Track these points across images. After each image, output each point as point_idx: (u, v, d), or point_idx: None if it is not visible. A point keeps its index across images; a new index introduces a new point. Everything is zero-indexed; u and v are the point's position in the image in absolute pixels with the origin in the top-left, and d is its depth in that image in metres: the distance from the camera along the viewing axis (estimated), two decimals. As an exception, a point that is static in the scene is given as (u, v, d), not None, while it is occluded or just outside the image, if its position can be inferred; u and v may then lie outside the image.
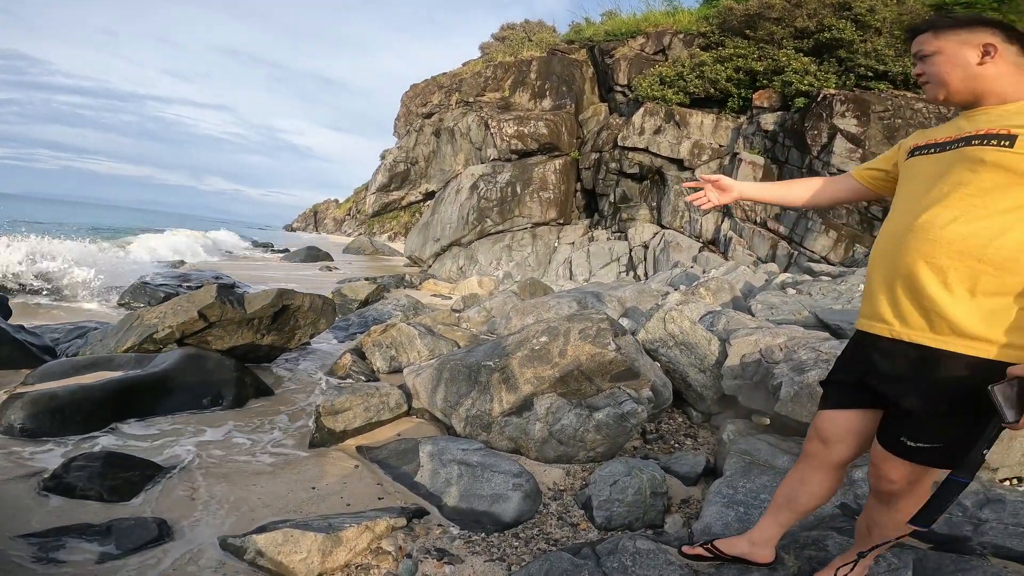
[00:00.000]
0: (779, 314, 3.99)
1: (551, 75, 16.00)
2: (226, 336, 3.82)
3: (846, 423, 1.35)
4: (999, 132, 1.17)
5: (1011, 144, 1.14)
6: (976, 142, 1.19)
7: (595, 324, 2.65)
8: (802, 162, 10.72)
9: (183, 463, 2.65)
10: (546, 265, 12.93)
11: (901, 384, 1.20)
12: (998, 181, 1.13)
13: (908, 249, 1.19)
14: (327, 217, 36.69)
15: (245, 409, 3.46)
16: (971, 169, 1.17)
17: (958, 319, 1.12)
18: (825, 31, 11.74)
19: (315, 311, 4.13)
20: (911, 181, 1.32)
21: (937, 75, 1.29)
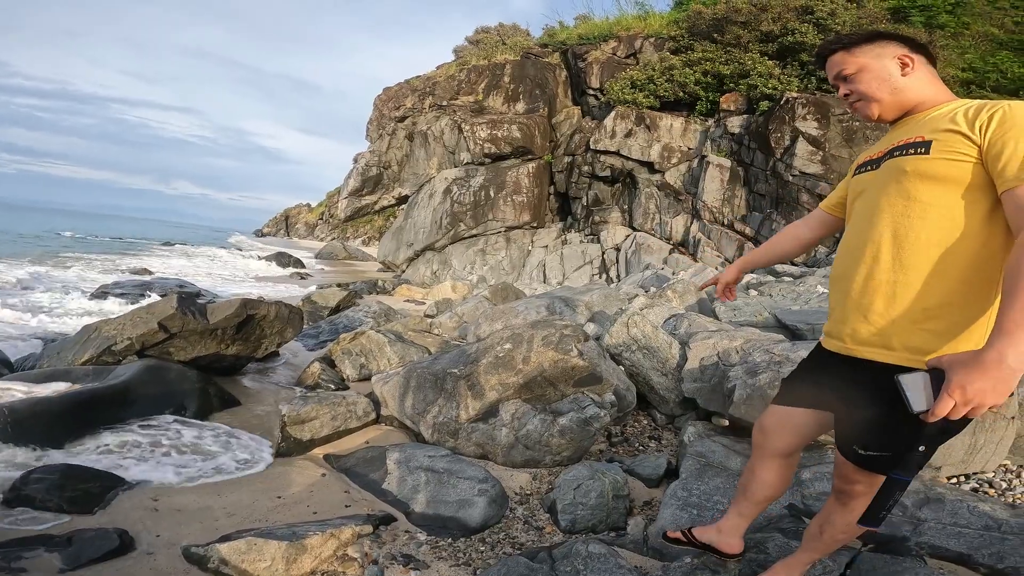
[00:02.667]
0: (741, 315, 4.11)
1: (525, 78, 16.08)
2: (189, 347, 3.75)
3: (786, 418, 1.42)
4: (916, 140, 1.19)
5: (927, 150, 1.15)
6: (898, 153, 1.22)
7: (558, 331, 2.70)
8: (766, 164, 10.99)
9: (145, 474, 2.61)
10: (520, 268, 12.98)
11: (850, 396, 1.23)
12: (925, 189, 1.14)
13: (857, 270, 1.21)
14: (299, 222, 36.08)
15: (209, 419, 3.42)
16: (897, 180, 1.19)
17: (902, 335, 1.13)
18: (789, 35, 12.07)
19: (281, 320, 4.08)
20: (856, 200, 1.34)
21: (867, 92, 1.30)
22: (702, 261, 10.85)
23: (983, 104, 1.14)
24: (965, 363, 0.91)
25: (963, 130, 1.11)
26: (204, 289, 8.78)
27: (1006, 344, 0.89)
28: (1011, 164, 1.03)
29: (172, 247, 22.01)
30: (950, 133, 1.13)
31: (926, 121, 1.22)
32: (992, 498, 1.99)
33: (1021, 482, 2.26)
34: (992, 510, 1.77)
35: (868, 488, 1.26)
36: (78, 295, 7.26)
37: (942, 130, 1.15)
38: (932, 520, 1.74)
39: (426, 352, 4.25)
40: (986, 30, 13.56)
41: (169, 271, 11.70)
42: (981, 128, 1.09)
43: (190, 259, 16.93)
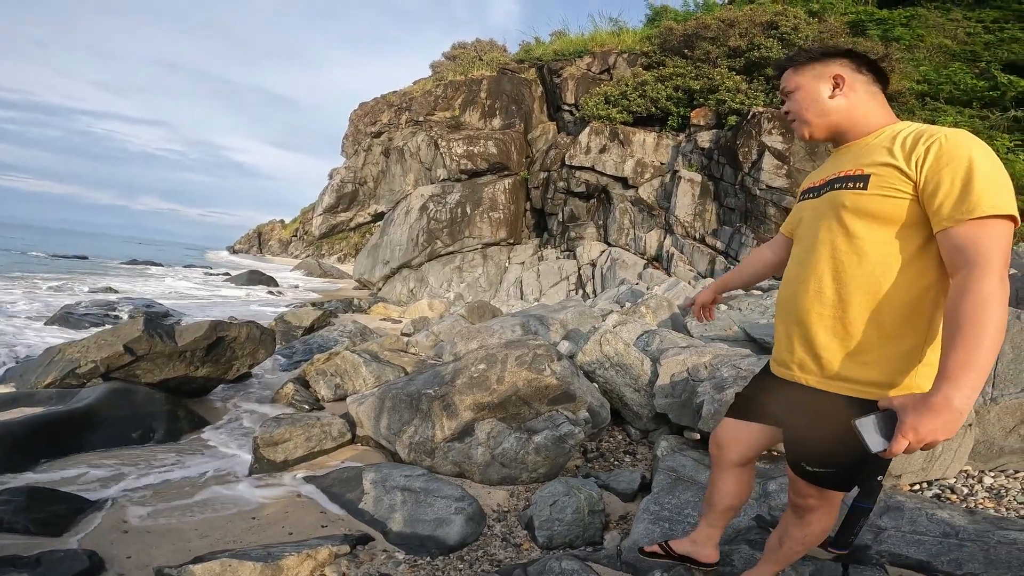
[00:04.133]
0: (712, 329, 4.22)
1: (501, 94, 16.22)
2: (156, 369, 3.67)
3: (737, 431, 1.49)
4: (854, 172, 1.18)
5: (864, 186, 1.15)
6: (838, 185, 1.21)
7: (531, 351, 2.74)
8: (735, 179, 11.27)
9: (114, 497, 2.58)
10: (497, 285, 13.00)
11: (795, 418, 1.29)
12: (863, 227, 1.14)
13: (799, 302, 1.24)
14: (272, 239, 35.55)
15: (180, 442, 3.38)
16: (836, 216, 1.19)
17: (843, 367, 1.17)
18: (755, 50, 12.41)
19: (253, 341, 4.03)
20: (799, 226, 1.35)
21: (797, 112, 1.32)
22: (675, 275, 11.06)
23: (920, 133, 1.12)
24: (915, 407, 0.95)
25: (899, 164, 1.11)
26: (172, 309, 8.56)
27: (951, 388, 0.92)
28: (946, 203, 1.03)
29: (139, 266, 21.38)
30: (887, 168, 1.13)
31: (864, 150, 1.21)
32: (951, 504, 2.07)
33: (983, 487, 2.33)
34: (950, 517, 1.84)
35: (821, 502, 1.31)
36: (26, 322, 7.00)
37: (879, 163, 1.14)
38: (892, 528, 1.78)
39: (402, 372, 4.24)
40: (940, 42, 14.05)
41: (136, 291, 11.38)
42: (917, 162, 1.08)
43: (158, 278, 16.47)
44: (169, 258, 31.80)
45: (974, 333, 0.93)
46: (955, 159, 1.04)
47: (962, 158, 1.03)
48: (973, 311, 0.94)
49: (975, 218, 1.00)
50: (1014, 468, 2.42)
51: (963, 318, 0.95)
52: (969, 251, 0.99)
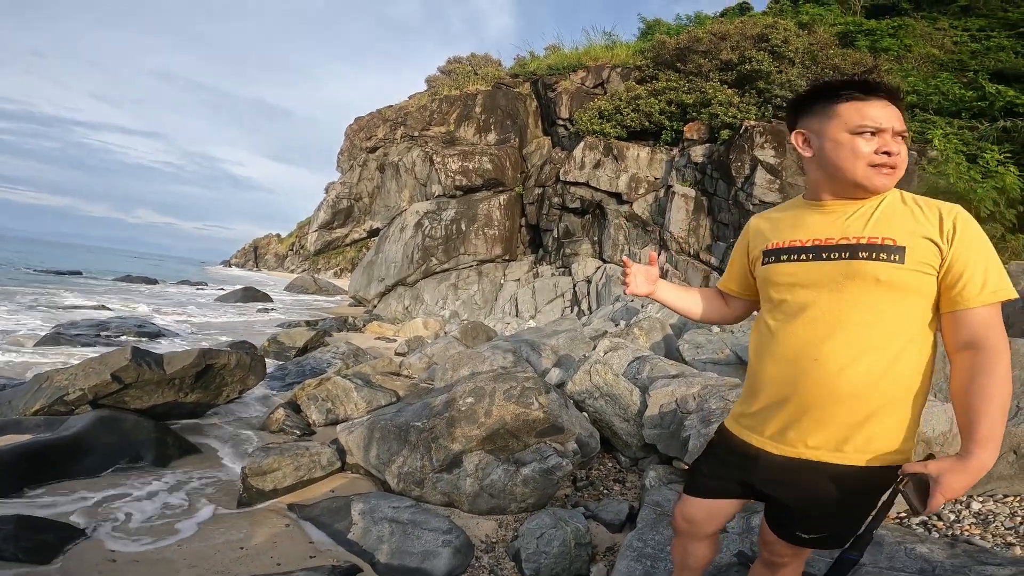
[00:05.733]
0: (704, 353, 4.25)
1: (496, 109, 16.26)
2: (145, 395, 3.67)
3: (710, 508, 1.41)
4: (886, 243, 1.10)
5: (901, 259, 1.09)
6: (864, 254, 1.12)
7: (519, 384, 2.76)
8: (728, 193, 11.27)
9: (101, 525, 2.58)
10: (492, 303, 13.00)
11: (788, 489, 1.22)
12: (892, 299, 1.10)
13: (804, 388, 1.15)
14: (268, 252, 35.59)
15: (168, 468, 3.38)
16: (864, 290, 1.11)
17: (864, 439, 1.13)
18: (746, 63, 12.39)
19: (243, 368, 4.03)
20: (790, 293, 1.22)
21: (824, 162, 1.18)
22: (670, 292, 11.10)
23: (933, 205, 1.12)
24: (954, 470, 1.03)
25: (935, 239, 1.09)
26: (165, 328, 8.53)
27: (984, 452, 1.02)
28: (971, 285, 1.06)
29: (133, 283, 21.29)
30: (925, 241, 1.09)
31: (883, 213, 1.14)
32: (932, 538, 2.06)
33: (970, 512, 2.32)
34: (929, 551, 1.85)
35: (795, 558, 1.33)
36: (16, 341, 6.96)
37: (915, 234, 1.10)
38: (869, 564, 1.76)
39: (394, 396, 4.24)
40: (927, 52, 14.10)
41: (128, 309, 11.34)
42: (948, 238, 1.08)
43: (151, 295, 16.41)
44: (164, 273, 31.72)
45: (997, 406, 1.03)
46: (976, 240, 1.08)
47: (981, 240, 1.09)
48: (998, 389, 1.03)
49: (991, 303, 1.07)
50: (1003, 492, 2.42)
51: (989, 395, 1.03)
52: (987, 332, 1.06)
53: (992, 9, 16.16)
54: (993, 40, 14.24)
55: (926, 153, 9.40)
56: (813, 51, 12.68)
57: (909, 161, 9.59)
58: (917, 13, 17.06)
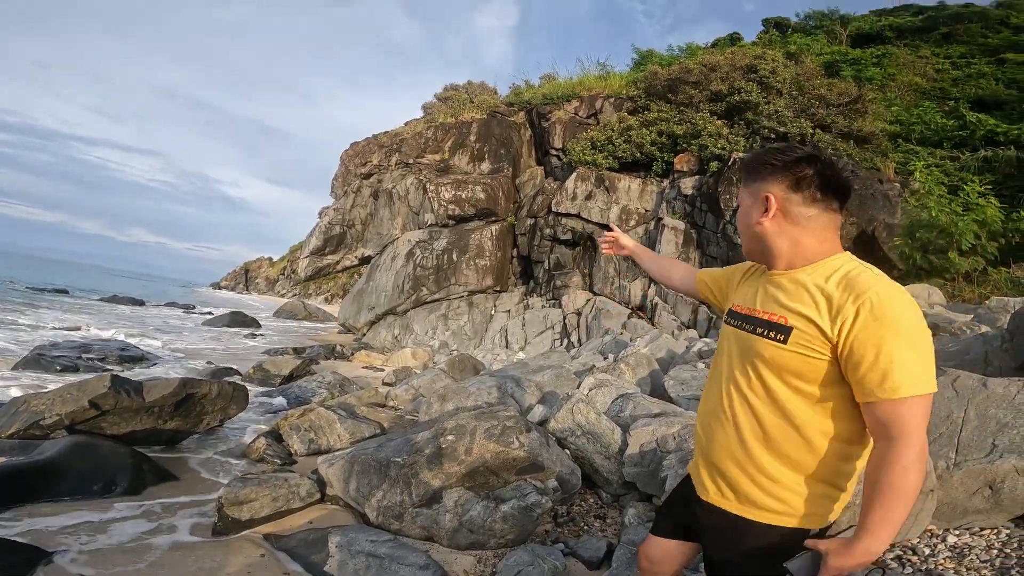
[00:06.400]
0: (688, 389, 4.26)
1: (490, 137, 16.38)
2: (122, 422, 3.63)
3: (668, 549, 1.48)
4: (777, 321, 1.15)
5: (785, 340, 1.12)
6: (760, 331, 1.18)
7: (500, 423, 2.79)
8: (717, 226, 11.33)
9: (71, 550, 2.56)
10: (483, 333, 12.97)
11: (714, 538, 1.30)
12: (775, 377, 1.15)
13: (715, 438, 1.25)
14: (259, 276, 35.44)
15: (142, 495, 3.35)
16: (752, 364, 1.18)
17: (756, 496, 1.19)
18: (735, 93, 12.53)
19: (225, 397, 4.00)
20: (721, 348, 1.32)
21: (739, 228, 1.27)
22: (659, 325, 11.14)
23: (850, 284, 1.08)
24: (840, 551, 1.07)
25: (822, 324, 1.08)
26: (148, 352, 8.42)
27: (871, 539, 1.04)
28: (869, 378, 1.03)
29: (119, 304, 21.05)
30: (810, 324, 1.10)
31: (793, 289, 1.16)
32: (906, 573, 2.06)
33: (946, 546, 2.31)
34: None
35: None
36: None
37: (803, 315, 1.11)
38: None
39: (379, 428, 4.21)
40: (910, 80, 14.36)
41: (112, 332, 11.19)
42: (843, 325, 1.06)
43: (137, 317, 16.22)
44: (152, 294, 31.42)
45: (893, 497, 1.02)
46: (880, 330, 1.02)
47: (887, 331, 1.01)
48: (894, 479, 1.02)
49: (896, 399, 1.01)
50: (979, 526, 2.43)
51: (885, 484, 1.02)
52: (892, 427, 1.03)
53: (972, 36, 16.60)
54: (974, 67, 14.58)
55: (909, 185, 9.47)
56: (800, 81, 12.80)
57: (893, 193, 9.54)
58: (900, 41, 17.52)
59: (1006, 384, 2.41)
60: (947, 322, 3.77)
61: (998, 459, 2.22)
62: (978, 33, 16.67)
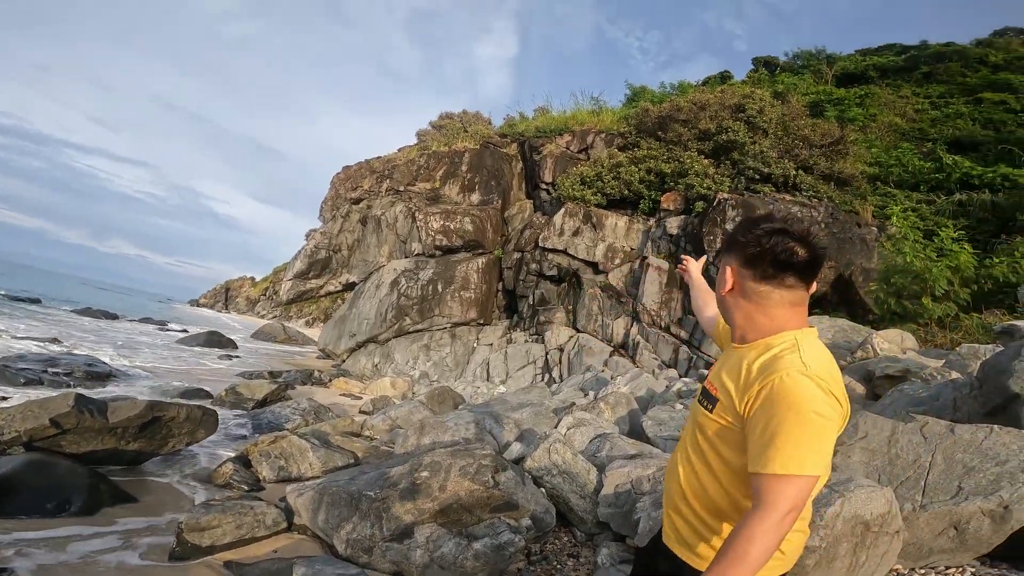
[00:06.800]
0: (666, 430, 4.25)
1: (482, 168, 16.39)
2: (83, 442, 3.52)
3: None
4: (712, 391, 1.27)
5: (711, 409, 1.25)
6: (701, 399, 1.32)
7: (476, 461, 2.77)
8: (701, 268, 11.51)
9: (19, 568, 2.48)
10: (464, 365, 12.84)
11: None
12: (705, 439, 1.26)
13: (669, 488, 1.39)
14: (240, 295, 34.87)
15: (98, 516, 3.26)
16: (693, 424, 1.33)
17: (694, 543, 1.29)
18: (723, 133, 12.60)
19: (193, 421, 3.90)
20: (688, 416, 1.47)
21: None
22: (640, 364, 11.15)
23: (765, 368, 1.15)
24: None
25: (735, 399, 1.19)
26: (116, 369, 8.17)
27: None
28: (753, 450, 1.12)
29: (93, 317, 20.47)
30: (729, 398, 1.21)
31: (734, 364, 1.25)
32: None
33: None
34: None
35: None
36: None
37: (726, 390, 1.22)
38: None
39: (352, 458, 4.12)
40: (891, 120, 14.60)
41: (82, 345, 10.87)
42: (748, 402, 1.15)
43: (109, 332, 15.78)
44: (127, 307, 30.62)
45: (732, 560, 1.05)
46: (772, 410, 1.09)
47: (780, 413, 1.08)
48: (738, 545, 1.06)
49: (767, 474, 1.07)
50: (944, 565, 2.44)
51: (729, 546, 1.07)
52: (757, 496, 1.09)
53: (952, 75, 17.05)
54: (952, 107, 14.96)
55: (886, 229, 9.58)
56: (785, 121, 12.96)
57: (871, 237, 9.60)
58: (883, 81, 17.91)
59: (973, 430, 2.48)
60: (919, 367, 3.85)
61: (964, 501, 2.28)
62: (957, 72, 17.08)
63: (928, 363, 4.04)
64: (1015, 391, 2.64)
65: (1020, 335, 4.16)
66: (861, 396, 3.92)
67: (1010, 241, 7.69)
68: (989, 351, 4.01)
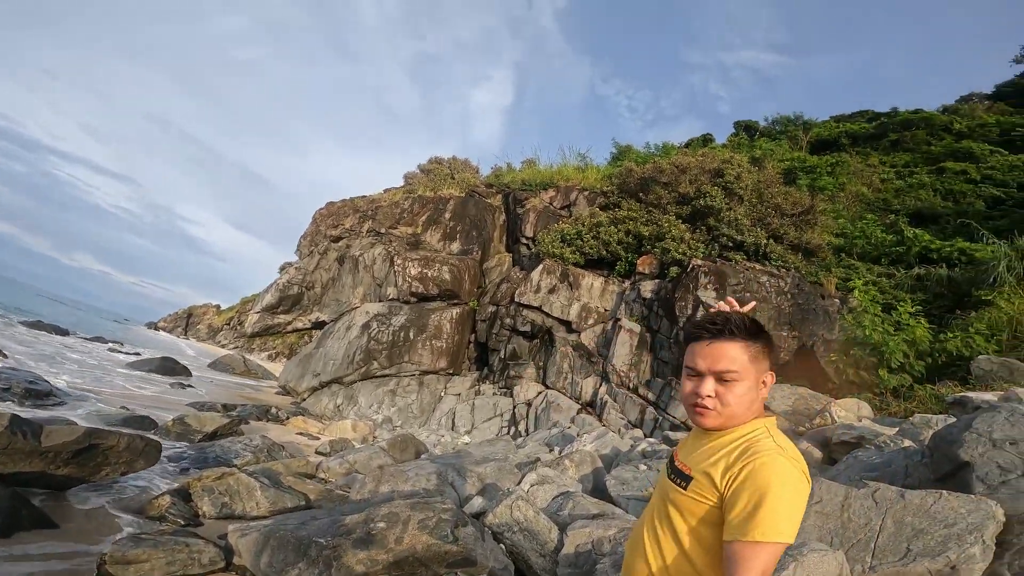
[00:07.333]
0: (629, 490, 4.17)
1: (465, 217, 16.39)
2: (9, 462, 3.26)
3: None
4: (685, 471, 1.33)
5: (685, 486, 1.30)
6: (672, 477, 1.37)
7: (436, 514, 2.68)
8: (671, 332, 11.37)
9: None
10: (430, 413, 12.50)
11: None
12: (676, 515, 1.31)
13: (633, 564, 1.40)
14: (202, 322, 33.70)
15: (11, 540, 2.99)
16: (664, 503, 1.37)
17: None
18: (701, 197, 12.73)
19: (133, 452, 3.68)
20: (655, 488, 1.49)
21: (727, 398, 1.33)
22: (607, 423, 11.03)
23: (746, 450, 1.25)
24: None
25: (715, 479, 1.25)
26: (58, 388, 7.67)
27: None
28: (734, 521, 1.18)
29: (42, 331, 19.37)
30: (705, 476, 1.27)
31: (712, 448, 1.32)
32: None
33: None
34: None
35: None
36: None
37: (703, 471, 1.29)
38: None
39: (304, 500, 3.89)
40: (858, 190, 14.97)
41: (26, 360, 10.24)
42: (730, 480, 1.23)
43: (57, 348, 14.93)
44: (82, 324, 29.12)
45: None
46: (756, 485, 1.18)
47: (762, 486, 1.17)
48: None
49: (748, 541, 1.14)
50: None
51: None
52: (735, 562, 1.15)
53: (918, 143, 17.70)
54: (916, 177, 15.43)
55: (848, 302, 9.82)
56: (760, 188, 13.25)
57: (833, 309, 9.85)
58: (854, 148, 18.57)
59: (923, 495, 2.57)
60: (873, 435, 3.96)
61: (912, 562, 2.33)
62: (923, 140, 17.74)
63: (883, 431, 4.17)
64: (965, 459, 2.79)
65: (972, 406, 4.32)
66: (818, 461, 4.01)
67: (964, 316, 7.95)
68: (941, 421, 4.16)
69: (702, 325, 1.34)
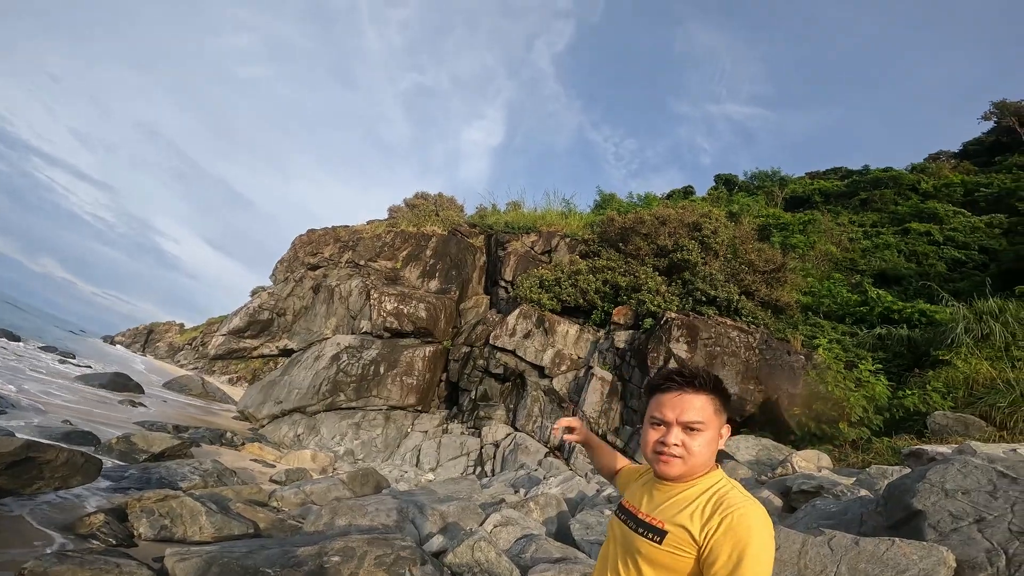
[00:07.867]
0: (593, 534, 4.09)
1: (446, 256, 16.28)
2: None
3: None
4: (656, 524, 1.34)
5: (660, 541, 1.31)
6: (641, 531, 1.37)
7: (395, 551, 2.58)
8: (641, 381, 11.35)
9: None
10: (394, 449, 12.10)
11: None
12: (648, 570, 1.32)
13: None
14: (163, 340, 32.39)
15: None
16: (632, 557, 1.36)
17: None
18: (678, 251, 13.00)
19: (71, 467, 3.49)
20: (610, 536, 1.50)
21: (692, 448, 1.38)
22: (574, 468, 10.82)
23: (719, 502, 1.30)
24: None
25: (693, 532, 1.28)
26: (1, 396, 7.23)
27: None
28: (719, 572, 1.21)
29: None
30: (682, 531, 1.30)
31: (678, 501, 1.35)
32: None
33: None
34: None
35: None
36: None
37: (678, 524, 1.31)
38: None
39: (253, 528, 3.65)
40: (827, 249, 15.32)
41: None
42: (708, 533, 1.26)
43: (5, 355, 14.12)
44: (35, 331, 27.71)
45: None
46: (736, 537, 1.23)
47: (743, 538, 1.22)
48: None
49: None
50: None
51: None
52: None
53: (885, 203, 18.23)
54: (882, 237, 15.89)
55: (812, 359, 10.06)
56: (735, 244, 13.58)
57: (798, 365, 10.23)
58: (826, 206, 19.07)
59: (876, 542, 2.61)
60: (832, 484, 4.07)
61: None
62: (891, 200, 18.31)
63: (840, 480, 4.29)
64: (918, 507, 2.89)
65: (927, 457, 4.47)
66: (778, 509, 4.07)
67: (922, 374, 8.27)
68: (896, 471, 4.30)
69: (670, 376, 1.39)
